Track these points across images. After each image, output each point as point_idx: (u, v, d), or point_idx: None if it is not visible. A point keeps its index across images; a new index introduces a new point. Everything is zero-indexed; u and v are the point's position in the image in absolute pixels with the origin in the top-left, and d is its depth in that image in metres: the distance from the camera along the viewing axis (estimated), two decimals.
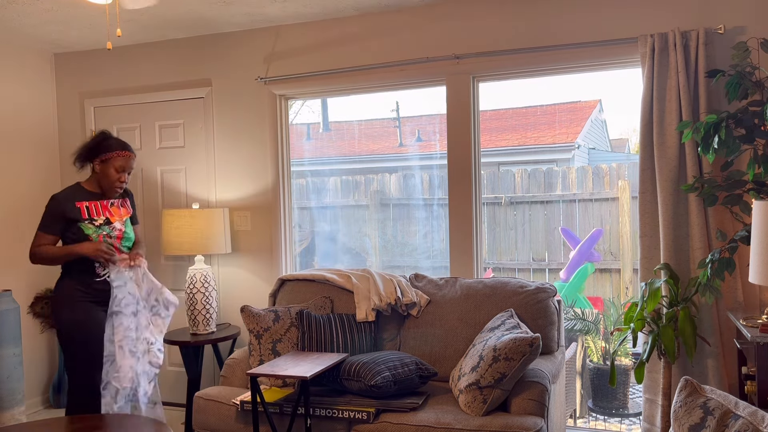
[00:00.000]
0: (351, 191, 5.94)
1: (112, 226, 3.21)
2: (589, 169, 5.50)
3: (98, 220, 3.17)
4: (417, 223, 5.74)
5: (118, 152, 3.17)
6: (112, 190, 3.21)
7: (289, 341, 3.36)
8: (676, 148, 3.22)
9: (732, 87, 2.95)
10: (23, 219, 4.48)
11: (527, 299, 3.27)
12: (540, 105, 7.92)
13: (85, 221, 3.13)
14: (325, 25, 4.05)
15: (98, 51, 4.64)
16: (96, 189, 3.23)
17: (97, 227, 3.16)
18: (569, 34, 3.53)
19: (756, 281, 2.54)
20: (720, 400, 1.65)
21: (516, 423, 2.66)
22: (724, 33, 3.21)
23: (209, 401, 3.17)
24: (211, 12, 3.85)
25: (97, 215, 3.18)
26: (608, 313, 4.48)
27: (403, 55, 3.86)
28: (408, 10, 3.85)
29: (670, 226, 3.24)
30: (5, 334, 3.93)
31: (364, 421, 2.85)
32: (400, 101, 7.04)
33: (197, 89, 4.38)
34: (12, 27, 4.04)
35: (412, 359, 3.05)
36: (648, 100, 3.28)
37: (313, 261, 5.79)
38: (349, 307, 3.54)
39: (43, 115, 4.67)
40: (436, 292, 3.51)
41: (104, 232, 3.17)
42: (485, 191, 5.68)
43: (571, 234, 5.30)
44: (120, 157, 3.17)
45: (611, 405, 4.17)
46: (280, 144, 4.21)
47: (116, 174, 3.17)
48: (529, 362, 2.79)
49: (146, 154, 4.55)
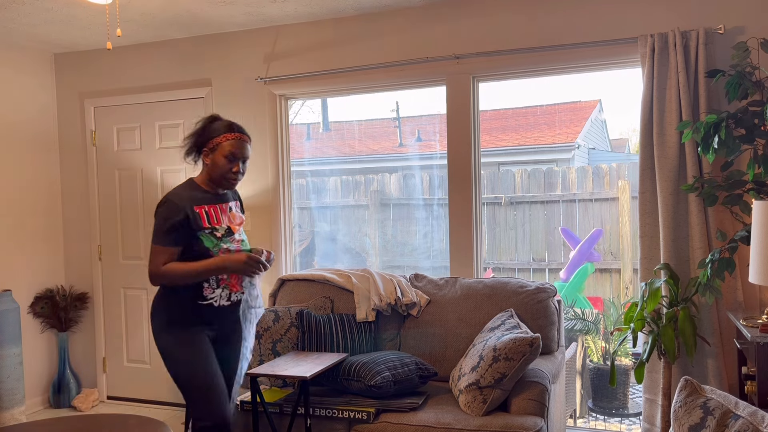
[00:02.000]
0: (351, 191, 5.94)
1: (233, 237, 2.62)
2: (589, 169, 5.50)
3: (220, 230, 2.57)
4: (417, 223, 5.74)
5: (228, 135, 2.56)
6: (225, 183, 2.59)
7: (289, 341, 3.36)
8: (676, 148, 3.22)
9: (732, 87, 2.95)
10: (23, 219, 4.48)
11: (527, 299, 3.27)
12: (540, 105, 7.92)
13: (205, 231, 2.53)
14: (325, 25, 4.05)
15: (98, 51, 4.64)
16: (210, 187, 2.62)
17: (219, 239, 2.55)
18: (569, 34, 3.53)
19: (756, 281, 2.54)
20: (720, 400, 1.65)
21: (516, 423, 2.66)
22: (724, 33, 3.21)
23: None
24: (211, 12, 3.85)
25: (218, 223, 2.57)
26: (608, 313, 4.48)
27: (403, 55, 3.86)
28: (408, 10, 3.85)
29: (670, 226, 3.24)
30: (5, 334, 3.93)
31: (364, 421, 2.85)
32: (400, 101, 7.05)
33: (197, 89, 4.38)
34: (12, 27, 4.04)
35: (412, 359, 3.05)
36: (648, 100, 3.28)
37: (313, 261, 5.79)
38: (349, 307, 3.54)
39: (43, 115, 4.67)
40: (436, 292, 3.51)
41: (225, 245, 2.56)
42: (485, 191, 5.68)
43: (571, 234, 5.30)
44: (228, 141, 2.55)
45: (611, 405, 4.17)
46: (280, 144, 4.21)
47: (228, 163, 2.55)
48: (529, 362, 2.79)
49: (146, 154, 4.55)
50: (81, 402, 4.53)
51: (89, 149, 4.68)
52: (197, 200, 2.56)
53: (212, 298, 2.56)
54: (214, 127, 2.60)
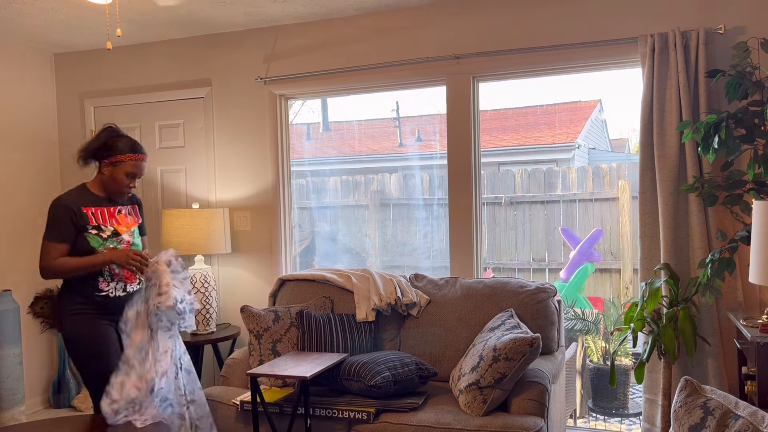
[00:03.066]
0: (351, 191, 5.94)
1: (120, 238, 2.89)
2: (589, 169, 5.50)
3: (106, 231, 2.84)
4: (417, 223, 5.74)
5: (132, 156, 2.85)
6: (119, 195, 2.91)
7: (289, 341, 3.36)
8: (676, 148, 3.22)
9: (732, 87, 2.95)
10: (23, 219, 4.48)
11: (527, 299, 3.27)
12: (540, 105, 7.92)
13: (91, 231, 2.80)
14: (325, 25, 4.05)
15: (98, 51, 4.64)
16: (102, 193, 2.91)
17: (104, 239, 2.83)
18: (569, 34, 3.53)
19: (756, 281, 2.54)
20: (720, 400, 1.65)
21: (516, 423, 2.66)
22: (724, 33, 3.21)
23: (209, 401, 3.17)
24: (211, 12, 3.85)
25: (104, 224, 2.85)
26: (608, 313, 4.48)
27: (403, 55, 3.87)
28: (408, 10, 3.85)
29: (670, 226, 3.24)
30: (5, 334, 3.93)
31: (364, 421, 2.85)
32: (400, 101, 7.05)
33: (197, 89, 4.38)
34: (12, 27, 4.04)
35: (412, 359, 3.05)
36: (648, 100, 3.28)
37: (313, 261, 5.79)
38: (349, 307, 3.54)
39: (43, 115, 4.67)
40: (436, 292, 3.50)
41: (111, 244, 2.85)
42: (485, 191, 5.68)
43: (571, 234, 5.30)
44: (133, 161, 2.85)
45: (611, 405, 4.17)
46: (280, 144, 4.21)
47: (127, 179, 2.86)
48: (529, 362, 2.79)
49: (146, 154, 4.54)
50: (81, 402, 4.53)
51: None
52: (86, 202, 2.84)
53: (107, 290, 2.86)
54: (120, 145, 2.85)
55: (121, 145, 2.85)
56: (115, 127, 2.93)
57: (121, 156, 2.83)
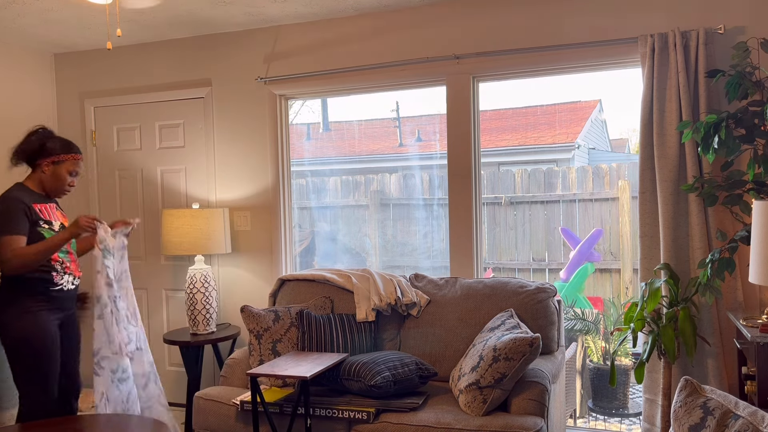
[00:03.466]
0: (351, 191, 5.94)
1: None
2: (589, 169, 5.51)
3: (55, 224, 2.99)
4: (417, 223, 5.74)
5: (73, 155, 3.04)
6: (60, 192, 3.06)
7: (289, 341, 3.36)
8: (676, 148, 3.22)
9: (732, 87, 2.95)
10: None
11: (527, 299, 3.27)
12: (540, 105, 7.92)
13: (44, 225, 2.93)
14: (325, 25, 4.05)
15: (98, 51, 4.64)
16: (40, 190, 3.03)
17: (56, 232, 2.96)
18: (569, 34, 3.53)
19: (756, 281, 2.54)
20: (720, 400, 1.65)
21: (516, 423, 2.66)
22: (724, 33, 3.21)
23: (209, 401, 3.17)
24: (211, 12, 3.85)
25: (51, 219, 2.99)
26: (608, 313, 4.48)
27: (403, 55, 3.87)
28: (408, 10, 3.85)
29: (670, 226, 3.24)
30: None
31: (364, 421, 2.85)
32: (400, 101, 7.05)
33: (197, 89, 4.38)
34: (12, 27, 4.04)
35: (412, 359, 3.05)
36: (648, 100, 3.28)
37: (313, 261, 5.79)
38: (349, 307, 3.54)
39: (43, 115, 4.67)
40: (436, 292, 3.51)
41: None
42: (485, 191, 5.68)
43: (571, 234, 5.30)
44: (73, 160, 3.03)
45: (611, 405, 4.17)
46: (280, 144, 4.21)
47: (69, 178, 3.03)
48: (529, 362, 2.79)
49: (146, 154, 4.55)
50: (81, 402, 4.52)
51: (89, 149, 4.68)
52: (33, 199, 2.95)
53: (62, 284, 3.00)
54: (59, 146, 3.01)
55: (60, 145, 3.03)
56: (48, 129, 3.10)
57: (63, 155, 3.01)
